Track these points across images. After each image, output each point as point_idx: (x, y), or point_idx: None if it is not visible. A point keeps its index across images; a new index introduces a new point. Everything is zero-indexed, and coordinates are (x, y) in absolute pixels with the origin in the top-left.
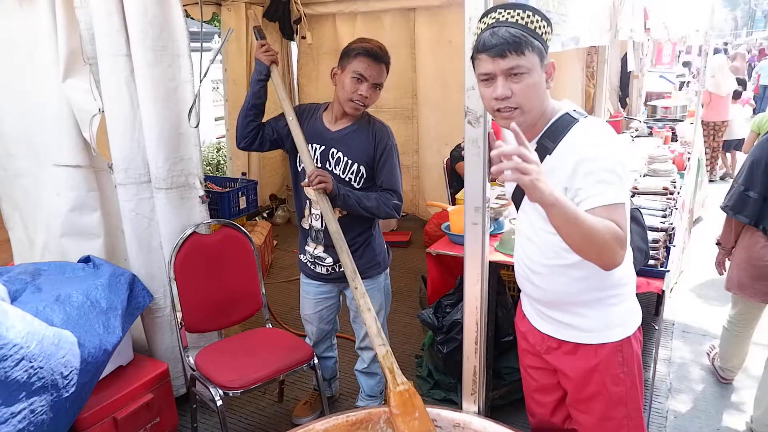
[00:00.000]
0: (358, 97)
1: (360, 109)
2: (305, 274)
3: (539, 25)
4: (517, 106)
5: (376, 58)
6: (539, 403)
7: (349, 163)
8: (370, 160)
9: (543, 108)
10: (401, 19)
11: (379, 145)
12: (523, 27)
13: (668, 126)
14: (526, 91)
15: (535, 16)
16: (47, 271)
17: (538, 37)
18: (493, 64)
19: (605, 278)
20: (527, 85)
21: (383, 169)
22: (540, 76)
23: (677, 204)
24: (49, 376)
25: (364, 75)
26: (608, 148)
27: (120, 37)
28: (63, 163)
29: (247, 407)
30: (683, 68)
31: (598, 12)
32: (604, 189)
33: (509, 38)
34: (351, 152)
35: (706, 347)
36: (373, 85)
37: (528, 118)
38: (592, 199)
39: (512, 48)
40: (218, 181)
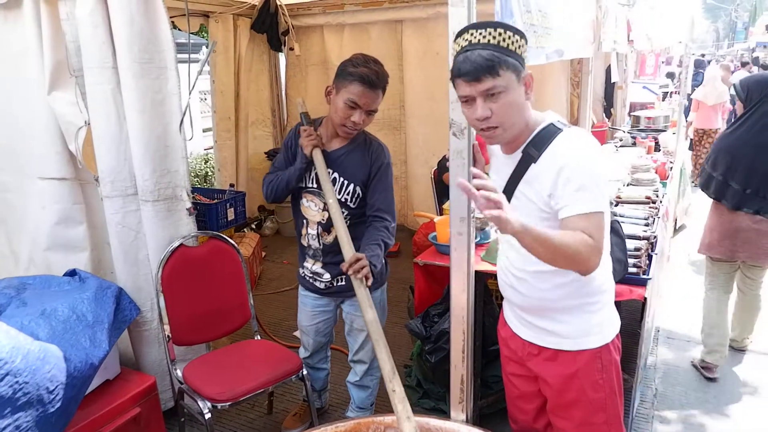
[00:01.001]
0: (351, 124)
1: (352, 134)
2: (303, 286)
3: (511, 41)
4: (498, 125)
5: (371, 85)
6: (521, 410)
7: (345, 184)
8: (366, 180)
9: (525, 121)
10: (388, 31)
11: (374, 165)
12: (496, 47)
13: (651, 136)
14: (505, 109)
15: (506, 33)
16: (32, 285)
17: (511, 53)
18: (470, 87)
19: (585, 285)
20: (505, 103)
21: (377, 188)
22: (518, 91)
23: (660, 213)
24: (34, 391)
25: (357, 103)
26: (588, 158)
27: (106, 50)
28: (48, 176)
29: (236, 420)
30: (666, 79)
31: (581, 25)
32: (581, 198)
33: (482, 62)
34: (347, 173)
35: (691, 353)
36: (367, 112)
37: (510, 134)
38: (569, 208)
39: (486, 71)
40: (206, 193)
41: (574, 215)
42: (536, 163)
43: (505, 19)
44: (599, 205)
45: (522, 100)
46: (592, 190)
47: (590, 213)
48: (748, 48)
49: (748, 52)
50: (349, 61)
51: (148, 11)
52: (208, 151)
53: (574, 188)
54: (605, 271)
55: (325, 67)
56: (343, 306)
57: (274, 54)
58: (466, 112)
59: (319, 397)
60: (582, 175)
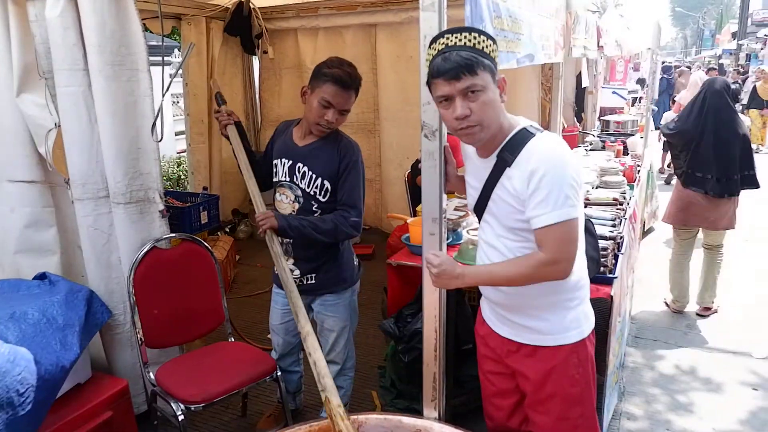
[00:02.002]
0: (324, 122)
1: (325, 131)
2: (276, 284)
3: (486, 45)
4: (477, 123)
5: (344, 86)
6: (497, 407)
7: (313, 178)
8: (334, 176)
9: (500, 122)
10: (363, 35)
11: (344, 160)
12: (472, 49)
13: (620, 140)
14: (484, 107)
15: (481, 37)
16: (0, 289)
17: (486, 56)
18: (450, 86)
19: (564, 282)
20: (484, 102)
21: (344, 184)
22: (494, 91)
23: (626, 214)
24: (4, 394)
25: (331, 102)
26: (555, 166)
27: (77, 51)
28: (17, 179)
29: (209, 422)
30: (636, 85)
31: (551, 31)
32: (544, 210)
33: (461, 61)
34: (316, 167)
35: (657, 352)
36: (340, 111)
37: (488, 133)
38: (534, 221)
39: (465, 70)
40: (179, 196)
41: (538, 228)
42: (510, 167)
43: (475, 24)
44: (560, 215)
45: (498, 100)
46: (555, 201)
47: (549, 226)
48: (715, 55)
49: (714, 59)
50: (324, 63)
51: (120, 13)
52: (180, 155)
53: (540, 199)
54: (581, 268)
55: (300, 71)
56: (314, 305)
57: (248, 57)
58: (445, 112)
59: (293, 399)
60: (548, 183)
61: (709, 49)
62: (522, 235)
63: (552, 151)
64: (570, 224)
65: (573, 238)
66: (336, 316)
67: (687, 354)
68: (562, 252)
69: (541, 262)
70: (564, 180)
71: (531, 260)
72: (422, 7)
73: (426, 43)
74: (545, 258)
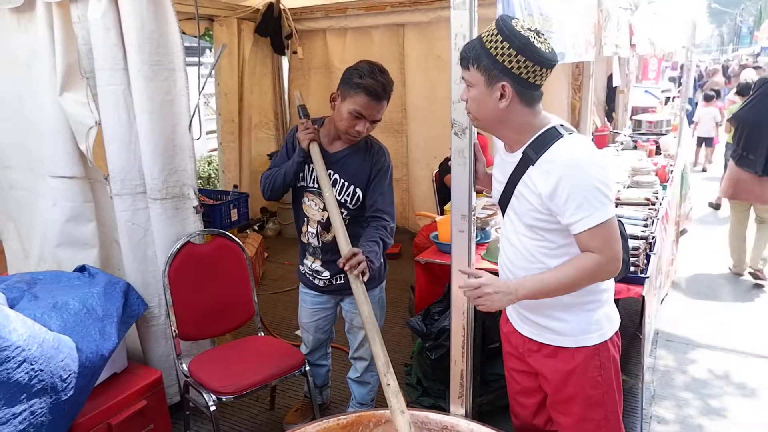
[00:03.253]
0: (355, 132)
1: (354, 140)
2: (303, 283)
3: (494, 46)
4: (470, 111)
5: (377, 97)
6: (522, 405)
7: (345, 185)
8: (365, 183)
9: (503, 121)
10: (391, 35)
11: (374, 167)
12: (482, 45)
13: (652, 140)
14: (471, 101)
15: (496, 36)
16: (43, 280)
17: (491, 57)
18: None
19: (591, 286)
20: (472, 96)
21: (376, 189)
22: (483, 92)
23: (659, 214)
24: (49, 378)
25: (363, 113)
26: (584, 171)
27: (117, 52)
28: (59, 175)
29: (238, 414)
30: (669, 83)
31: (582, 29)
32: (582, 216)
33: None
34: (348, 175)
35: (689, 356)
36: (372, 122)
37: (481, 125)
38: (575, 226)
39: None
40: (210, 194)
41: (580, 233)
42: (534, 165)
43: None
44: (601, 215)
45: (489, 103)
46: (591, 204)
47: (592, 228)
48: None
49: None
50: (355, 69)
51: (158, 15)
52: (211, 153)
53: (575, 206)
54: None
55: (328, 71)
56: (343, 304)
57: (278, 57)
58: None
59: (320, 394)
60: (579, 190)
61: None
62: (539, 234)
63: (575, 156)
64: (609, 225)
65: (616, 236)
66: None
67: (720, 358)
68: (611, 251)
69: (597, 264)
70: (592, 183)
71: (587, 262)
72: (453, 5)
73: (457, 41)
74: (602, 260)
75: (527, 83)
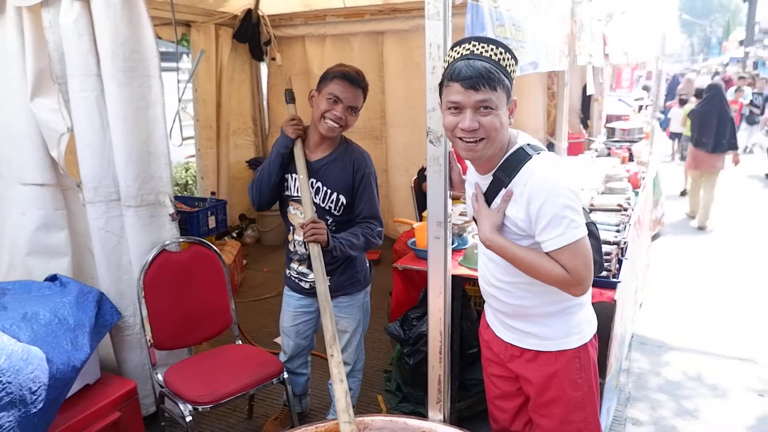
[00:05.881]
0: (332, 116)
1: (334, 129)
2: (288, 287)
3: (509, 63)
4: (482, 138)
5: (352, 81)
6: (501, 409)
7: (328, 193)
8: (349, 189)
9: (502, 141)
10: (370, 43)
11: (357, 174)
12: (496, 63)
13: (626, 147)
14: (493, 125)
15: (506, 54)
16: (12, 290)
17: (507, 74)
18: (464, 95)
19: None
20: (494, 119)
21: (363, 197)
22: (505, 113)
23: (631, 220)
24: (17, 391)
25: (339, 97)
26: (552, 191)
27: (90, 58)
28: (30, 182)
29: (216, 424)
30: (642, 92)
31: (556, 38)
32: (551, 235)
33: (484, 72)
34: (330, 182)
35: (663, 358)
36: (348, 108)
37: (488, 151)
38: (545, 245)
39: (486, 82)
40: (187, 201)
41: (551, 251)
42: (506, 188)
43: (475, 32)
44: (571, 235)
45: (506, 122)
46: (559, 223)
47: (562, 247)
48: (722, 63)
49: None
50: (330, 67)
51: (133, 20)
52: (188, 160)
53: (544, 225)
54: None
55: (307, 77)
56: None
57: (256, 64)
58: (451, 119)
59: (300, 402)
60: (548, 210)
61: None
62: None
63: (546, 177)
64: (578, 244)
65: (586, 257)
66: (350, 317)
67: (693, 360)
68: (580, 273)
69: (564, 279)
70: (562, 204)
71: (555, 271)
72: (427, 16)
73: (431, 51)
74: (569, 278)
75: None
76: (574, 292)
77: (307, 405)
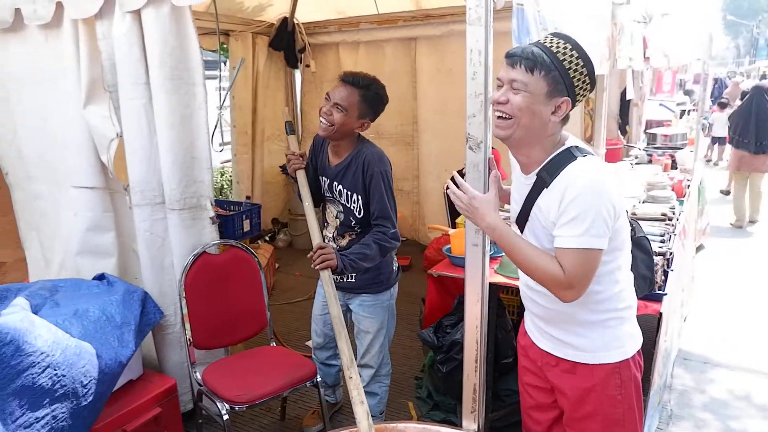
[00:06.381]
0: (322, 115)
1: (326, 128)
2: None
3: (570, 60)
4: (511, 116)
5: (347, 81)
6: (535, 421)
7: (349, 195)
8: (363, 191)
9: (540, 137)
10: (403, 49)
11: (367, 173)
12: (551, 53)
13: (668, 154)
14: (521, 105)
15: (572, 51)
16: (64, 287)
17: (560, 68)
18: (504, 71)
19: (604, 301)
20: (524, 101)
21: (374, 196)
22: (542, 103)
23: (676, 230)
24: (70, 384)
25: (330, 95)
26: (588, 191)
27: (140, 67)
28: (81, 185)
29: (249, 424)
30: (684, 96)
31: (596, 41)
32: (569, 231)
33: (528, 54)
34: (348, 184)
35: (707, 375)
36: (334, 105)
37: (518, 133)
38: (558, 240)
39: (524, 62)
40: (223, 205)
41: (561, 248)
42: (548, 188)
43: (521, 37)
44: (587, 241)
45: (543, 115)
46: (581, 224)
47: (573, 249)
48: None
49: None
50: None
51: (180, 31)
52: (224, 165)
53: (567, 219)
54: (627, 286)
55: None
56: (351, 305)
57: (290, 71)
58: (493, 95)
59: (333, 393)
60: (576, 207)
61: (764, 58)
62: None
63: (587, 177)
64: (588, 254)
65: (590, 268)
66: (372, 318)
67: (741, 378)
68: (577, 279)
69: (556, 278)
70: (593, 208)
71: (550, 268)
72: (469, 21)
73: (472, 57)
74: (562, 278)
75: (574, 104)
76: (563, 295)
77: (341, 396)
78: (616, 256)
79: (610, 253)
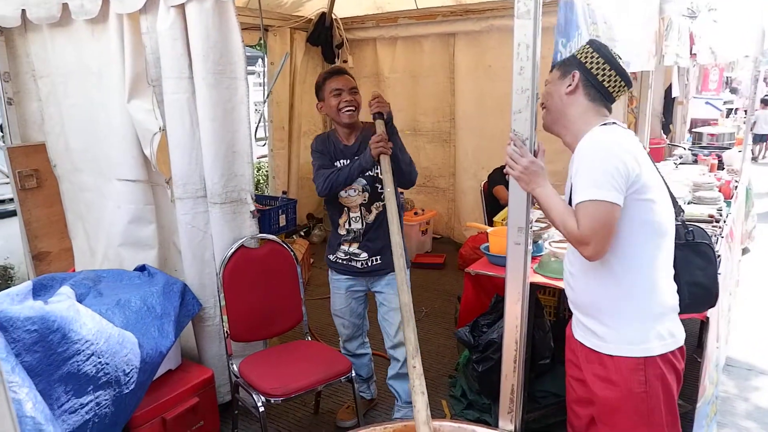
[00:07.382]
0: (345, 104)
1: (353, 114)
2: (335, 270)
3: (587, 56)
4: (543, 102)
5: (339, 72)
6: (577, 415)
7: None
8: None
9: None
10: (441, 44)
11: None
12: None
13: (714, 154)
14: (545, 94)
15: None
16: (107, 277)
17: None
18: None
19: (636, 296)
20: (546, 90)
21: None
22: (557, 83)
23: (723, 232)
24: (113, 372)
25: (340, 87)
26: (590, 147)
27: (183, 61)
28: (124, 178)
29: (284, 417)
30: (731, 95)
31: (645, 37)
32: (575, 187)
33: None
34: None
35: (752, 382)
36: (351, 90)
37: (549, 116)
38: (573, 197)
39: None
40: (259, 199)
41: (574, 204)
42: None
43: (570, 33)
44: (593, 193)
45: (561, 89)
46: (587, 178)
47: (582, 202)
48: None
49: None
50: (317, 79)
51: (223, 25)
52: (261, 160)
53: (576, 177)
54: (664, 285)
55: (378, 79)
56: (377, 287)
57: (328, 66)
58: None
59: (368, 388)
60: (583, 163)
61: None
62: None
63: (594, 139)
64: (598, 206)
65: (601, 222)
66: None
67: None
68: (591, 232)
69: (574, 233)
70: (598, 163)
71: (569, 224)
72: (517, 14)
73: (520, 51)
74: (578, 233)
75: (595, 79)
76: (582, 251)
77: (375, 392)
78: (650, 247)
79: (643, 241)
